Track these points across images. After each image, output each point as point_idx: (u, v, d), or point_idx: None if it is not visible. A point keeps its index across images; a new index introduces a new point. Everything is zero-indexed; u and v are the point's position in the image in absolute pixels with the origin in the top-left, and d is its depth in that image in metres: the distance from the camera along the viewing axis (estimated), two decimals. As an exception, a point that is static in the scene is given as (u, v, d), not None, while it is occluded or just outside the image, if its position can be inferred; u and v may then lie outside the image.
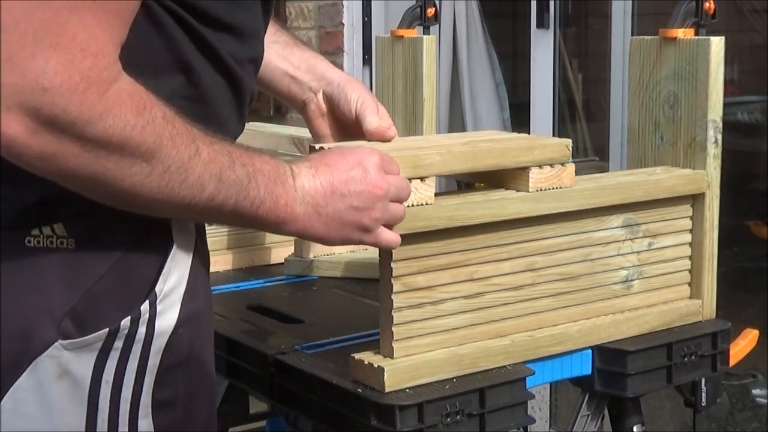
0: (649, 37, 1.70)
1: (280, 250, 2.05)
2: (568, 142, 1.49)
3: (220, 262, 2.02)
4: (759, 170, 4.13)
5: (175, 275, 1.17)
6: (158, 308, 1.16)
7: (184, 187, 1.09)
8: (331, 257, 1.97)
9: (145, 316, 1.15)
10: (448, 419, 1.37)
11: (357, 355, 1.41)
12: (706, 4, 1.70)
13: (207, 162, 1.11)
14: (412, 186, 1.33)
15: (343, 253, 1.99)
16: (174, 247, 1.17)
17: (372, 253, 1.86)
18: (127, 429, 1.16)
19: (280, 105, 3.83)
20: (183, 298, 1.18)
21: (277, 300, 1.83)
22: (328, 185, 1.21)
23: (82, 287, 1.13)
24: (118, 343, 1.14)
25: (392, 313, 1.37)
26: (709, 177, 1.65)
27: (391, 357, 1.38)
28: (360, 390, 1.38)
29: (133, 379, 1.15)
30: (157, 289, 1.15)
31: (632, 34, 3.06)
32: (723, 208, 1.69)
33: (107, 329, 1.13)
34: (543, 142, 1.48)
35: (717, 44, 1.63)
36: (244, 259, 2.04)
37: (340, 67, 3.74)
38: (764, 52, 4.14)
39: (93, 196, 1.09)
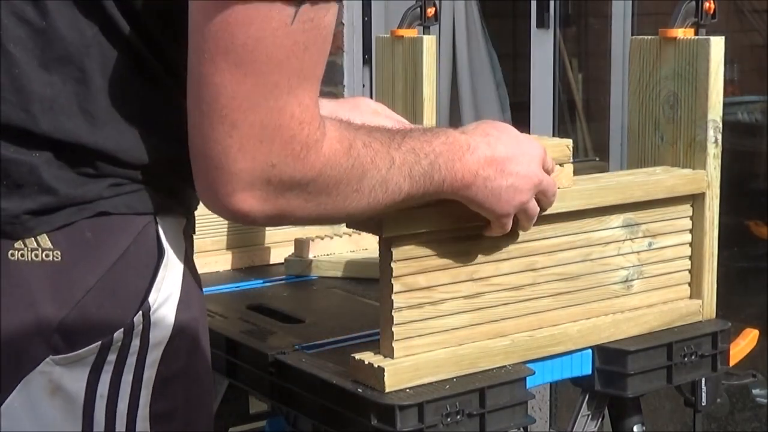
0: (649, 37, 1.70)
1: (280, 250, 2.05)
2: (569, 142, 1.49)
3: (220, 262, 2.02)
4: (759, 170, 4.12)
5: (168, 284, 1.17)
6: (152, 319, 1.14)
7: (386, 197, 1.23)
8: (331, 257, 1.97)
9: (138, 328, 1.13)
10: (448, 419, 1.37)
11: (357, 355, 1.41)
12: (706, 4, 1.70)
13: (400, 166, 1.23)
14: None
15: (343, 253, 1.99)
16: (165, 256, 1.17)
17: (372, 253, 1.86)
18: None
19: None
20: (177, 308, 1.17)
21: (277, 300, 1.83)
22: (501, 163, 1.33)
23: (70, 300, 1.11)
24: (112, 356, 1.12)
25: (392, 313, 1.37)
26: (709, 177, 1.65)
27: (391, 357, 1.38)
28: (360, 390, 1.38)
29: (128, 393, 1.14)
30: (150, 299, 1.14)
31: (632, 34, 3.06)
32: (723, 208, 1.69)
33: (99, 342, 1.12)
34: (543, 142, 1.47)
35: (717, 44, 1.63)
36: (244, 259, 2.04)
37: (341, 66, 3.74)
38: (764, 52, 4.14)
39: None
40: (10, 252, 1.11)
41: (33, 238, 1.11)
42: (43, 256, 1.11)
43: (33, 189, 1.11)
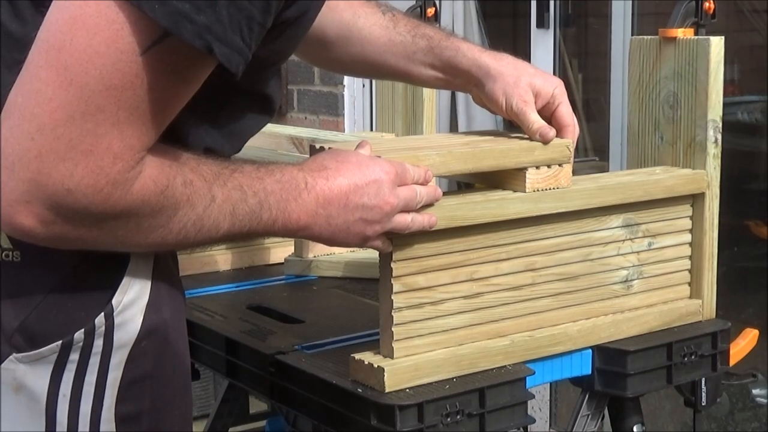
0: (649, 37, 1.70)
1: (280, 250, 2.05)
2: (569, 142, 1.49)
3: (220, 262, 2.02)
4: (759, 170, 4.12)
5: (135, 288, 1.16)
6: (116, 321, 1.14)
7: (200, 235, 1.13)
8: (331, 257, 1.97)
9: (100, 329, 1.13)
10: (448, 419, 1.37)
11: (357, 355, 1.41)
12: (706, 4, 1.70)
13: (221, 204, 1.14)
14: (412, 186, 1.34)
15: (343, 253, 1.99)
16: (131, 260, 1.15)
17: (372, 253, 1.86)
18: None
19: (279, 105, 3.83)
20: (145, 311, 1.16)
21: (277, 300, 1.83)
22: (342, 197, 1.24)
23: (31, 302, 1.11)
24: (74, 356, 1.12)
25: (392, 313, 1.37)
26: (709, 177, 1.65)
27: (391, 357, 1.38)
28: (360, 390, 1.38)
29: (92, 393, 1.14)
30: (114, 301, 1.14)
31: (632, 34, 3.06)
32: (723, 208, 1.69)
33: (60, 342, 1.12)
34: (543, 143, 1.48)
35: (717, 44, 1.63)
36: (244, 259, 2.04)
37: (340, 67, 3.74)
38: (764, 52, 4.14)
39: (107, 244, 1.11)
40: None
41: None
42: (3, 256, 1.12)
43: None
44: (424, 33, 1.59)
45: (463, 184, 1.64)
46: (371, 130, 3.12)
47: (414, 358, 1.39)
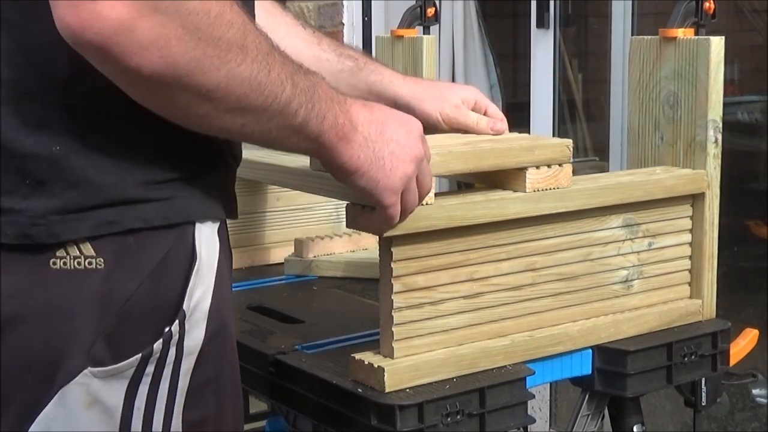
0: (649, 37, 1.70)
1: (280, 250, 2.05)
2: (569, 142, 1.49)
3: (220, 262, 2.02)
4: (759, 170, 4.12)
5: (199, 290, 1.12)
6: (186, 327, 1.11)
7: (269, 81, 1.05)
8: (331, 257, 1.97)
9: (175, 337, 1.10)
10: (448, 419, 1.37)
11: (357, 355, 1.41)
12: (706, 4, 1.70)
13: (282, 62, 1.08)
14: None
15: (343, 253, 1.99)
16: (198, 261, 1.12)
17: (372, 253, 1.86)
18: None
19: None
20: (209, 314, 1.14)
21: (277, 300, 1.83)
22: (379, 125, 1.19)
23: (112, 309, 1.08)
24: (150, 368, 1.10)
25: (392, 313, 1.37)
26: (709, 177, 1.65)
27: (391, 357, 1.38)
28: (360, 390, 1.38)
29: (164, 403, 1.12)
30: (184, 306, 1.11)
31: (632, 34, 3.06)
32: (723, 208, 1.69)
33: (140, 355, 1.09)
34: (543, 143, 1.48)
35: (717, 44, 1.63)
36: (244, 259, 2.04)
37: (340, 67, 3.74)
38: (764, 52, 4.14)
39: (181, 103, 1.03)
40: (52, 260, 1.08)
41: (75, 246, 1.07)
42: (87, 264, 1.08)
43: (59, 185, 1.06)
44: (349, 54, 1.60)
45: (463, 184, 1.64)
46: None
47: (414, 358, 1.39)
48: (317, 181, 1.45)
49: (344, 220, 1.40)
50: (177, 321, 1.10)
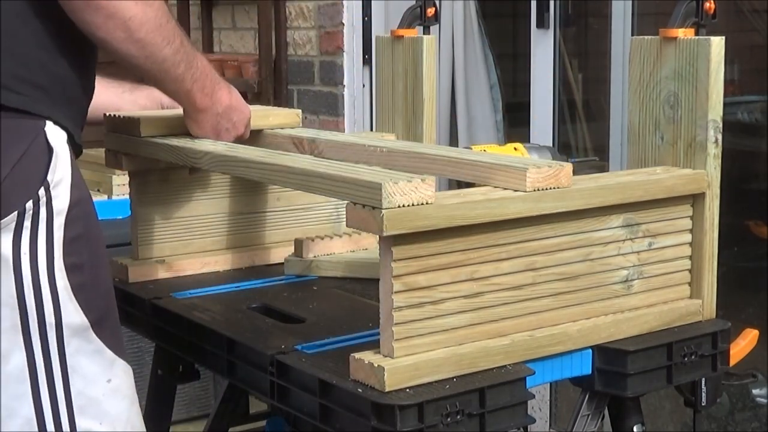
0: (649, 37, 1.70)
1: (280, 250, 2.05)
2: (299, 111, 1.96)
3: (220, 262, 2.02)
4: (759, 170, 4.12)
5: (60, 170, 1.48)
6: (52, 193, 1.47)
7: (169, 26, 1.55)
8: (331, 257, 1.97)
9: (43, 200, 1.46)
10: (448, 419, 1.37)
11: (357, 355, 1.41)
12: (707, 4, 1.70)
13: (173, 24, 1.57)
14: (412, 185, 1.34)
15: (343, 253, 1.99)
16: (54, 152, 1.48)
17: (372, 253, 1.86)
18: (48, 288, 1.45)
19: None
20: (71, 186, 1.49)
21: (277, 300, 1.83)
22: (231, 108, 1.78)
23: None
24: (27, 223, 1.45)
25: (392, 313, 1.37)
26: (709, 177, 1.65)
27: (391, 357, 1.38)
28: (360, 390, 1.38)
29: (45, 250, 1.46)
30: (48, 178, 1.46)
31: (632, 34, 3.06)
32: (723, 208, 1.69)
33: (16, 212, 1.44)
34: (276, 112, 1.93)
35: (717, 44, 1.63)
36: (244, 259, 2.04)
37: (341, 66, 3.74)
38: (764, 52, 4.14)
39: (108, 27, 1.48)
40: None
41: None
42: None
43: None
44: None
45: (463, 183, 1.64)
46: (371, 129, 3.11)
47: (414, 357, 1.39)
48: (317, 181, 1.45)
49: (344, 220, 1.40)
50: (43, 188, 1.46)
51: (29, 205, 1.45)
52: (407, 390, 1.37)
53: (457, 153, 1.67)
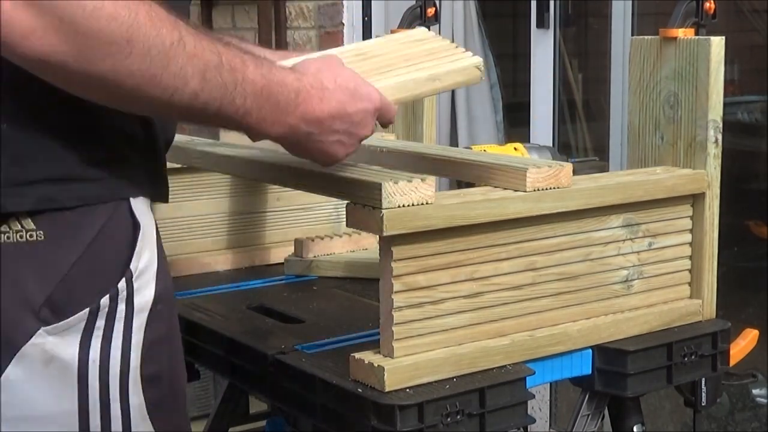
0: (649, 37, 1.70)
1: (280, 250, 2.05)
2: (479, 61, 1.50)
3: (220, 262, 2.02)
4: (759, 170, 4.12)
5: (146, 254, 1.20)
6: (135, 285, 1.19)
7: (165, 75, 1.10)
8: (331, 257, 1.97)
9: (123, 294, 1.18)
10: (448, 419, 1.37)
11: (357, 355, 1.41)
12: (707, 4, 1.70)
13: (191, 55, 1.11)
14: (412, 185, 1.34)
15: (343, 253, 1.99)
16: (141, 228, 1.20)
17: (372, 253, 1.86)
18: (119, 406, 1.18)
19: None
20: (157, 275, 1.21)
21: (277, 300, 1.83)
22: (330, 121, 1.27)
23: (56, 275, 1.15)
24: (100, 323, 1.17)
25: (392, 313, 1.37)
26: (709, 177, 1.65)
27: (391, 356, 1.38)
28: (360, 390, 1.38)
29: (119, 357, 1.18)
30: (132, 266, 1.19)
31: (632, 34, 3.06)
32: (723, 208, 1.69)
33: (87, 309, 1.16)
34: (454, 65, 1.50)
35: (717, 44, 1.63)
36: (244, 259, 2.04)
37: (340, 67, 3.74)
38: (764, 52, 4.14)
39: (81, 87, 1.11)
40: None
41: (17, 220, 1.14)
42: (28, 237, 1.14)
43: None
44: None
45: (463, 183, 1.64)
46: (371, 130, 3.11)
47: (414, 357, 1.39)
48: (317, 181, 1.45)
49: (344, 220, 1.40)
50: (124, 279, 1.18)
51: (104, 300, 1.17)
52: (407, 390, 1.37)
53: (457, 153, 1.67)
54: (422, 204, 1.35)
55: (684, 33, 1.67)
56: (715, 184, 1.66)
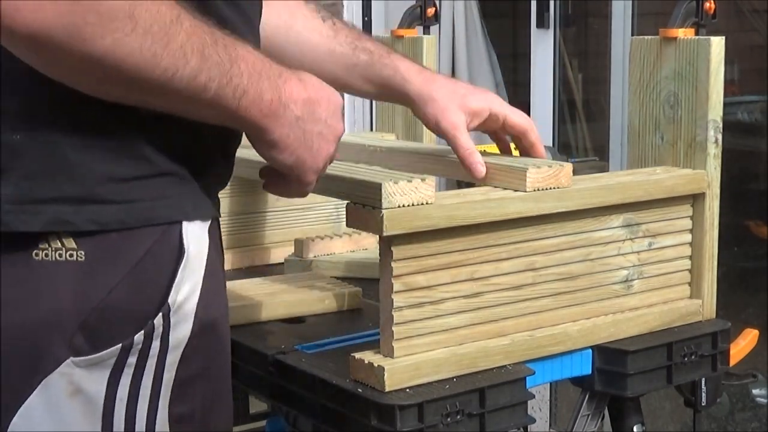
0: (649, 37, 1.70)
1: (280, 250, 2.05)
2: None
3: (220, 261, 2.02)
4: (759, 170, 4.13)
5: (187, 285, 1.12)
6: (172, 321, 1.11)
7: (167, 54, 1.02)
8: (331, 257, 1.97)
9: (158, 330, 1.11)
10: (448, 419, 1.37)
11: (357, 355, 1.41)
12: (707, 4, 1.70)
13: (189, 33, 1.04)
14: (412, 185, 1.34)
15: (343, 253, 1.99)
16: (186, 256, 1.12)
17: (372, 253, 1.86)
18: None
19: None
20: (197, 309, 1.14)
21: (277, 300, 1.83)
22: (312, 104, 1.19)
23: (93, 300, 1.09)
24: (132, 359, 1.10)
25: (392, 313, 1.37)
26: (709, 177, 1.65)
27: (391, 356, 1.38)
28: (360, 390, 1.38)
29: (148, 396, 1.12)
30: (170, 300, 1.11)
31: (632, 34, 3.06)
32: (723, 208, 1.69)
33: (120, 345, 1.10)
34: None
35: (717, 44, 1.63)
36: (244, 259, 2.04)
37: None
38: (764, 52, 4.14)
39: (70, 69, 1.02)
40: (35, 252, 1.08)
41: (58, 239, 1.08)
42: (67, 256, 1.08)
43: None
44: (365, 47, 1.57)
45: (463, 183, 1.64)
46: (371, 130, 3.11)
47: (414, 357, 1.39)
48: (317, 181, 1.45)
49: (344, 220, 1.40)
50: (161, 314, 1.11)
51: (138, 337, 1.10)
52: (407, 390, 1.37)
53: (457, 153, 1.67)
54: (422, 204, 1.35)
55: (684, 33, 1.67)
56: (715, 184, 1.66)
